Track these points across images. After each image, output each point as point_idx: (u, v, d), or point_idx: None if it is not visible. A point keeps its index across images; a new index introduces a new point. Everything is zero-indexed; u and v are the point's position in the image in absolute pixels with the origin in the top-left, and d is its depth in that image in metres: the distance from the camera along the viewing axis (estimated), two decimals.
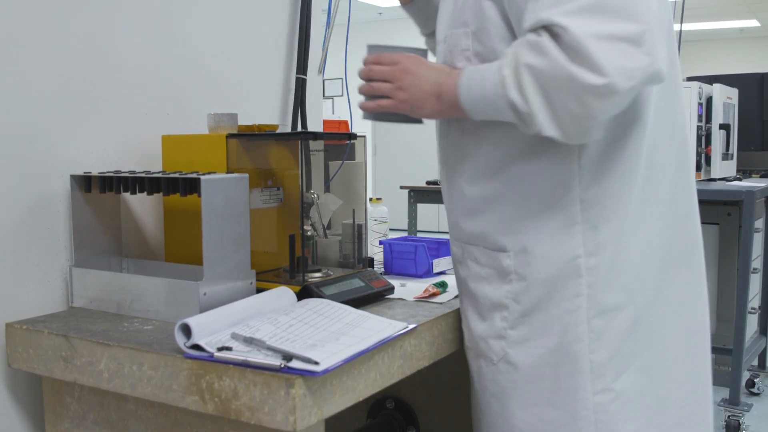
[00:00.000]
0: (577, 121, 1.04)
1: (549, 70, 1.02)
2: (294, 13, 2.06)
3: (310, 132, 1.44)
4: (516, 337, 1.21)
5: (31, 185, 1.41)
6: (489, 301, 1.24)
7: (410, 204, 4.69)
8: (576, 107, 1.02)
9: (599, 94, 1.00)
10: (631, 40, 0.99)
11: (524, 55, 1.05)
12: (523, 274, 1.19)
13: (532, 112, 1.05)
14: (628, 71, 0.99)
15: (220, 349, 1.07)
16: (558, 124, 1.05)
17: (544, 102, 1.04)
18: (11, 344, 1.31)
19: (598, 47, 0.98)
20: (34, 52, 1.41)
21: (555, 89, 1.02)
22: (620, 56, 0.98)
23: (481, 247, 1.25)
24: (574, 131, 1.06)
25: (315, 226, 1.57)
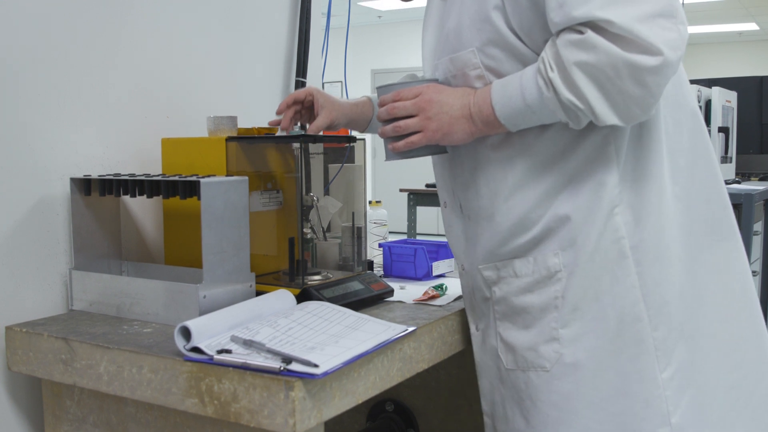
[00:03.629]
0: (638, 102, 1.08)
1: (604, 62, 1.05)
2: (294, 16, 2.07)
3: (310, 135, 1.44)
4: (569, 335, 1.18)
5: (30, 188, 1.41)
6: (535, 309, 1.21)
7: (410, 207, 4.69)
8: (636, 90, 1.06)
9: (657, 72, 1.05)
10: (666, 14, 1.04)
11: (571, 54, 1.07)
12: (570, 269, 1.18)
13: (592, 107, 1.08)
14: (674, 42, 1.05)
15: (220, 352, 1.07)
16: (617, 110, 1.09)
17: (600, 94, 1.07)
18: (11, 347, 1.31)
19: (644, 30, 1.03)
20: (34, 54, 1.41)
21: (612, 79, 1.06)
22: (664, 31, 1.04)
23: (523, 258, 1.22)
24: (636, 112, 1.10)
25: (314, 229, 1.57)
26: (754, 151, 4.66)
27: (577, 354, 1.18)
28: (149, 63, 1.64)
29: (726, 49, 12.01)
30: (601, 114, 1.08)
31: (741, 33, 11.53)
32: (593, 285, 1.17)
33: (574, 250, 1.17)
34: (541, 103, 1.11)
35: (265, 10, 1.98)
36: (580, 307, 1.17)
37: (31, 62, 1.41)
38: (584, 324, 1.17)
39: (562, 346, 1.18)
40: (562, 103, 1.09)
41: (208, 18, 1.80)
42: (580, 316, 1.17)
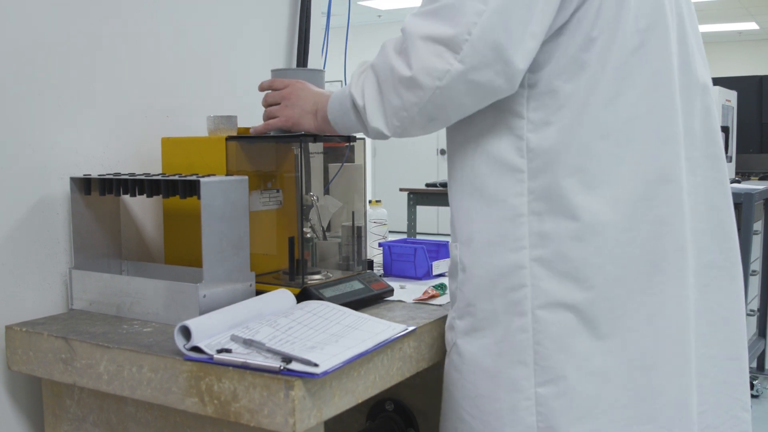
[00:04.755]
0: (395, 112, 1.14)
1: (382, 63, 1.15)
2: (294, 16, 2.07)
3: (310, 134, 1.44)
4: (462, 327, 1.22)
5: (30, 188, 1.41)
6: (451, 293, 1.27)
7: (409, 206, 4.69)
8: (394, 97, 1.13)
9: (408, 86, 1.11)
10: (447, 44, 1.07)
11: (374, 57, 1.19)
12: (466, 265, 1.20)
13: (365, 104, 1.17)
14: (435, 71, 1.08)
15: (220, 351, 1.07)
16: (383, 115, 1.16)
17: (377, 96, 1.16)
18: (11, 347, 1.31)
19: (414, 45, 1.10)
20: (33, 55, 1.41)
21: (382, 82, 1.15)
22: (431, 56, 1.08)
23: (449, 242, 1.30)
24: (394, 123, 1.16)
25: (314, 229, 1.57)
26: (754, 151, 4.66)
27: (464, 346, 1.21)
28: (149, 63, 1.64)
29: (726, 48, 12.02)
30: (370, 114, 1.17)
31: (741, 32, 11.53)
32: (488, 286, 1.17)
33: (471, 247, 1.20)
34: (345, 100, 1.24)
35: (265, 9, 1.98)
36: (473, 304, 1.20)
37: (31, 62, 1.41)
38: (475, 321, 1.20)
39: (457, 336, 1.23)
40: (351, 98, 1.21)
41: (207, 17, 1.80)
42: (473, 312, 1.20)
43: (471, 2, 1.07)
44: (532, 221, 1.14)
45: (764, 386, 3.73)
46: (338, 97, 1.27)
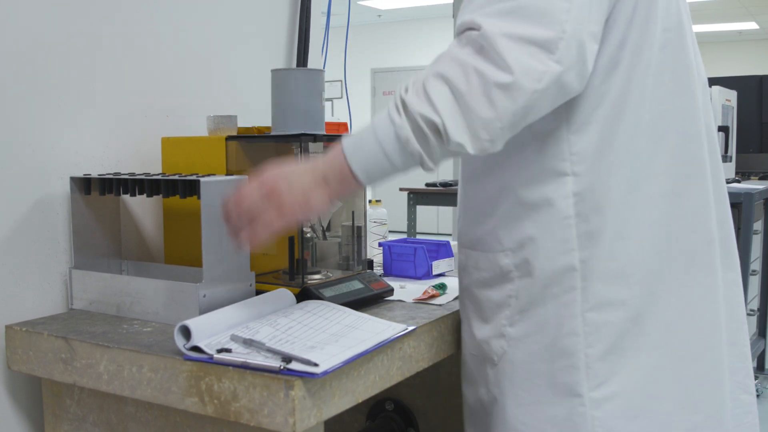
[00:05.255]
0: (486, 125, 1.01)
1: (457, 72, 1.01)
2: (293, 15, 2.07)
3: (310, 134, 1.44)
4: (515, 334, 1.19)
5: (30, 187, 1.41)
6: (493, 303, 1.22)
7: (409, 206, 4.69)
8: (484, 108, 1.00)
9: (506, 91, 0.99)
10: (541, 45, 1.00)
11: (431, 68, 1.03)
12: (521, 271, 1.18)
13: (443, 118, 1.00)
14: (535, 72, 0.99)
15: (220, 351, 1.07)
16: (469, 129, 1.01)
17: (453, 106, 1.01)
18: (11, 346, 1.31)
19: (504, 45, 0.99)
20: (33, 54, 1.41)
21: (464, 93, 1.00)
22: (527, 57, 0.99)
23: (480, 251, 1.24)
24: (483, 137, 1.01)
25: (314, 228, 1.57)
26: (754, 150, 4.66)
27: (517, 354, 1.19)
28: (149, 62, 1.64)
29: (726, 48, 12.02)
30: (452, 129, 1.00)
31: (741, 32, 11.53)
32: (542, 290, 1.16)
33: (521, 254, 1.17)
34: (393, 137, 1.02)
35: (265, 9, 1.98)
36: (527, 310, 1.18)
37: (32, 62, 1.41)
38: (528, 327, 1.18)
39: (507, 343, 1.20)
40: (413, 123, 1.01)
41: (208, 17, 1.80)
42: (526, 318, 1.18)
43: (558, 1, 1.01)
44: (579, 223, 1.13)
45: (764, 386, 3.73)
46: (360, 141, 1.06)
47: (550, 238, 1.15)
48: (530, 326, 1.18)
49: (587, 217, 1.13)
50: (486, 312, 1.24)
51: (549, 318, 1.16)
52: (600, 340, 1.14)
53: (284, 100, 1.46)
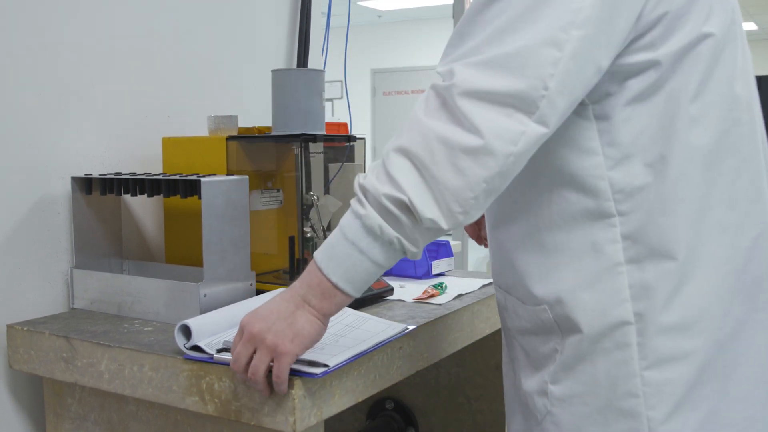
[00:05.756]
0: (456, 195, 0.89)
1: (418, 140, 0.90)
2: (294, 16, 2.07)
3: (310, 134, 1.44)
4: (558, 393, 1.05)
5: (32, 187, 1.42)
6: (540, 355, 1.08)
7: None
8: (452, 177, 0.89)
9: (474, 156, 0.88)
10: (518, 103, 0.88)
11: (390, 144, 0.93)
12: (563, 326, 1.03)
13: (409, 196, 0.89)
14: (508, 134, 0.88)
15: (220, 351, 1.07)
16: (438, 203, 0.90)
17: (418, 180, 0.90)
18: (12, 346, 1.32)
19: (470, 105, 0.88)
20: (35, 53, 1.41)
21: (427, 164, 0.89)
22: (501, 117, 0.88)
23: (516, 299, 1.10)
24: (455, 210, 0.90)
25: (315, 228, 1.57)
26: None
27: (563, 416, 1.05)
28: (150, 62, 1.65)
29: None
30: (420, 206, 0.89)
31: None
32: (590, 346, 1.02)
33: (565, 308, 1.02)
34: (363, 231, 0.92)
35: (265, 9, 1.99)
36: (572, 367, 1.04)
37: (32, 61, 1.41)
38: (574, 386, 1.04)
39: (550, 403, 1.06)
40: (379, 207, 0.91)
41: (208, 18, 1.80)
42: (571, 376, 1.04)
43: (544, 49, 0.88)
44: (631, 270, 0.99)
45: None
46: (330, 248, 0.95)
47: (596, 290, 1.01)
48: (576, 385, 1.04)
49: (641, 263, 0.99)
50: (534, 361, 1.10)
51: (599, 377, 1.02)
52: (663, 402, 1.00)
53: (284, 100, 1.47)
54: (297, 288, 0.97)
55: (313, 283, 0.96)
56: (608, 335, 1.01)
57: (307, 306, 0.96)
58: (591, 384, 1.03)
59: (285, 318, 0.96)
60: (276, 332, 0.96)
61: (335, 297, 0.96)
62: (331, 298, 0.96)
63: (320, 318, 0.97)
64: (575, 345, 1.03)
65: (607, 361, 1.01)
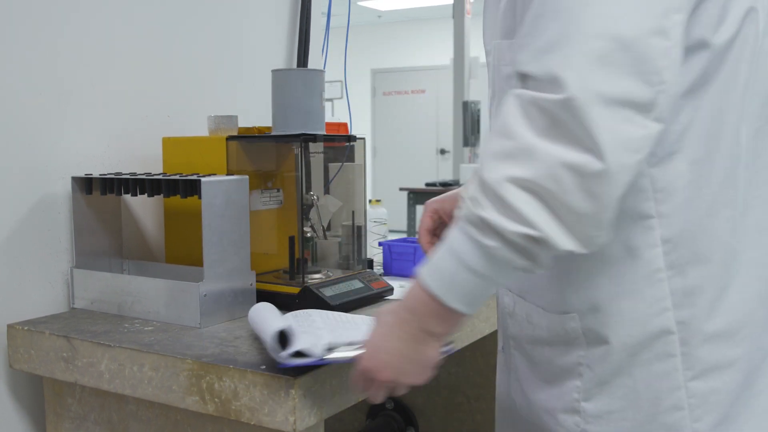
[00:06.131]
0: (592, 221, 0.83)
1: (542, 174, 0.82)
2: (294, 16, 2.07)
3: (310, 134, 1.45)
4: (593, 410, 0.98)
5: (32, 187, 1.42)
6: (556, 367, 1.01)
7: (409, 205, 4.70)
8: (586, 204, 0.82)
9: (604, 180, 0.81)
10: (638, 105, 0.80)
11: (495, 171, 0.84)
12: (597, 337, 0.96)
13: (544, 231, 0.82)
14: (635, 142, 0.81)
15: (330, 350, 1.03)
16: (573, 232, 0.83)
17: (548, 214, 0.82)
18: (12, 345, 1.32)
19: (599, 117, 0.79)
20: (35, 54, 1.42)
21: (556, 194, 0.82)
22: (626, 124, 0.80)
23: (534, 305, 1.03)
24: (592, 233, 0.84)
25: (315, 228, 1.57)
26: None
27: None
28: (150, 62, 1.65)
29: None
30: (556, 239, 0.82)
31: None
32: (626, 359, 0.95)
33: (599, 317, 0.96)
34: (492, 263, 0.86)
35: (265, 9, 1.99)
36: (607, 382, 0.97)
37: (32, 62, 1.41)
38: (612, 401, 0.97)
39: (584, 420, 0.98)
40: (511, 244, 0.84)
41: (208, 17, 1.80)
42: (607, 392, 0.97)
43: (653, 40, 0.80)
44: (672, 276, 0.93)
45: None
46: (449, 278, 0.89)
47: (635, 298, 0.94)
48: (614, 401, 0.97)
49: (683, 269, 0.93)
50: (546, 374, 1.03)
51: (639, 391, 0.96)
52: (708, 413, 0.95)
53: (284, 100, 1.47)
54: (411, 321, 0.93)
55: (432, 313, 0.91)
56: (648, 346, 0.95)
57: (429, 337, 0.93)
58: (631, 399, 0.96)
59: (412, 359, 0.94)
60: (407, 375, 0.95)
61: (456, 318, 0.92)
62: (452, 321, 0.93)
63: (441, 340, 0.95)
64: (606, 357, 0.96)
65: (648, 373, 0.95)
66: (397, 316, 0.94)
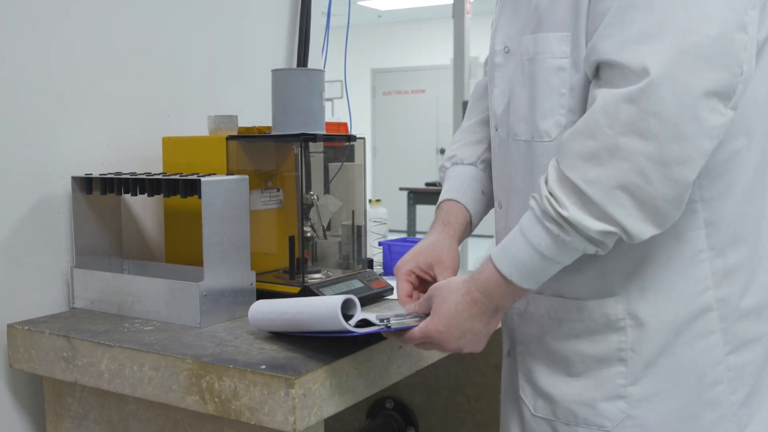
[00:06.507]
0: (674, 201, 0.88)
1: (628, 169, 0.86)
2: (294, 15, 2.07)
3: (310, 134, 1.45)
4: (640, 393, 1.00)
5: (32, 187, 1.42)
6: (588, 358, 1.03)
7: (409, 205, 4.71)
8: (669, 191, 0.87)
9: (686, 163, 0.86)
10: (720, 94, 0.85)
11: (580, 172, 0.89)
12: (641, 319, 0.99)
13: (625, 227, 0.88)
14: (714, 130, 0.86)
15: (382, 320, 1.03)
16: (654, 219, 0.89)
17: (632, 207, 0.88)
18: (13, 345, 1.32)
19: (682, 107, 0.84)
20: (35, 53, 1.42)
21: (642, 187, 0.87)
22: (708, 113, 0.85)
23: (562, 298, 1.05)
24: (673, 213, 0.90)
25: (315, 228, 1.57)
26: None
27: (646, 415, 1.00)
28: (150, 62, 1.65)
29: None
30: (637, 232, 0.89)
31: None
32: (670, 339, 0.99)
33: (645, 298, 0.99)
34: (565, 251, 0.92)
35: (265, 9, 1.99)
36: (654, 363, 0.99)
37: (32, 62, 1.41)
38: (657, 382, 1.00)
39: (630, 405, 1.00)
40: (590, 238, 0.90)
41: (208, 17, 1.80)
42: (654, 373, 1.00)
43: (737, 34, 0.85)
44: (714, 257, 0.98)
45: None
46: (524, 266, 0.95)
47: (679, 278, 0.99)
48: (661, 382, 1.00)
49: (723, 250, 0.98)
50: (574, 367, 1.04)
51: (685, 369, 0.99)
52: (743, 384, 1.01)
53: (284, 100, 1.47)
54: (484, 301, 0.99)
55: (505, 293, 0.98)
56: (690, 324, 0.99)
57: (498, 311, 1.01)
58: (676, 377, 1.00)
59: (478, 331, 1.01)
60: (471, 345, 1.02)
61: (525, 293, 0.99)
62: (520, 296, 1.00)
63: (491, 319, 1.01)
64: (651, 339, 0.99)
65: (691, 350, 0.99)
66: (470, 296, 1.00)
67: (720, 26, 0.85)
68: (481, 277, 0.99)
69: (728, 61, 0.85)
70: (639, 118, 0.85)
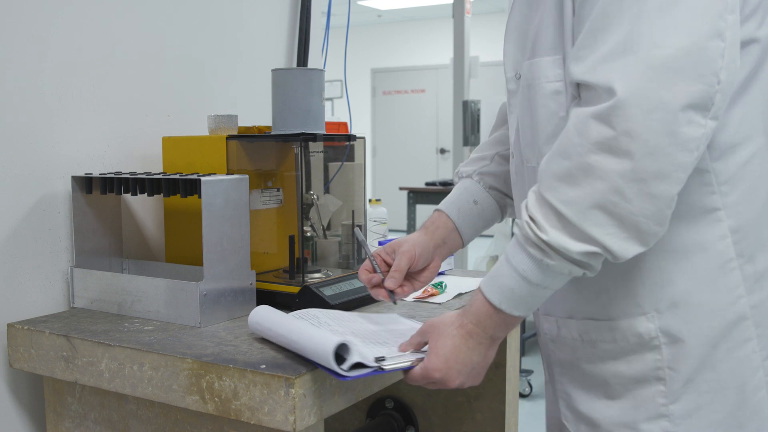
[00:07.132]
0: (654, 217, 0.87)
1: (605, 189, 0.86)
2: (294, 15, 2.07)
3: (310, 133, 1.45)
4: (682, 410, 0.98)
5: (32, 186, 1.42)
6: (626, 379, 1.01)
7: (409, 205, 4.70)
8: (648, 206, 0.86)
9: (665, 178, 0.85)
10: (697, 106, 0.84)
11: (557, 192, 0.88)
12: (675, 335, 0.97)
13: (607, 246, 0.87)
14: (694, 142, 0.84)
15: (378, 360, 1.03)
16: (636, 237, 0.88)
17: (612, 227, 0.87)
18: (13, 345, 1.32)
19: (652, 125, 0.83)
20: (35, 53, 1.42)
21: (619, 204, 0.86)
22: (684, 127, 0.83)
23: (593, 320, 1.03)
24: (654, 230, 0.88)
25: (314, 227, 1.57)
26: None
27: (691, 431, 0.99)
28: (150, 62, 1.65)
29: None
30: (619, 251, 0.88)
31: None
32: (708, 352, 0.97)
33: (679, 313, 0.97)
34: (550, 275, 0.92)
35: (265, 9, 1.99)
36: (693, 379, 0.98)
37: (32, 61, 1.41)
38: (699, 397, 0.98)
39: (673, 423, 0.98)
40: (574, 261, 0.89)
41: (208, 17, 1.80)
42: (694, 389, 0.98)
43: (711, 42, 0.83)
44: (744, 264, 0.97)
45: None
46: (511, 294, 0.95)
47: (710, 290, 0.97)
48: (702, 396, 0.98)
49: (752, 256, 0.97)
50: (612, 389, 1.02)
51: (726, 380, 0.98)
52: None
53: (284, 99, 1.47)
54: (478, 332, 1.00)
55: (497, 322, 0.98)
56: (727, 335, 0.97)
57: (494, 342, 1.01)
58: (717, 390, 0.98)
59: (478, 364, 1.01)
60: (473, 378, 1.02)
61: (517, 322, 1.00)
62: (513, 325, 1.00)
63: (490, 347, 1.02)
64: (688, 354, 0.97)
65: (730, 361, 0.97)
66: (464, 329, 1.00)
67: (690, 36, 0.83)
68: (473, 308, 0.99)
69: (702, 72, 0.83)
70: (610, 137, 0.85)
